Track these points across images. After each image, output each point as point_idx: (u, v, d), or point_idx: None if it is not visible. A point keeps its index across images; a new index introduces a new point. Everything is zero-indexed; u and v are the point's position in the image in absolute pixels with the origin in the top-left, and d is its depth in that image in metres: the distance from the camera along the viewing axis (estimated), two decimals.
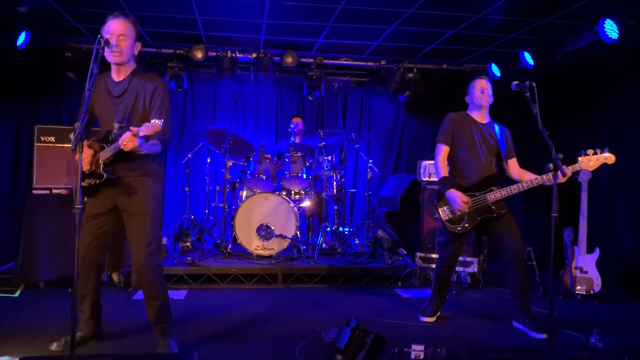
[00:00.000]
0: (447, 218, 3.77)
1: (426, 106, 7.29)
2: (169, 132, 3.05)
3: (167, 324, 3.10)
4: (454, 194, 3.66)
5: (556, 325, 3.74)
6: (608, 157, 3.43)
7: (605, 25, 4.52)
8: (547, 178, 3.47)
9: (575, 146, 3.61)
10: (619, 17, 4.42)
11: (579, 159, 3.44)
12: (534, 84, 3.18)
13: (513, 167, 3.87)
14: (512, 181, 3.78)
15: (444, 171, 3.78)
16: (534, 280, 4.89)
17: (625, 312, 4.36)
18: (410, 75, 6.59)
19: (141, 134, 2.68)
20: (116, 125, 2.93)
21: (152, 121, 2.68)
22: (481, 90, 3.82)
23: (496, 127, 3.89)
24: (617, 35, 4.46)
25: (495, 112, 3.95)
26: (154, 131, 2.68)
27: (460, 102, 4.01)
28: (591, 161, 3.43)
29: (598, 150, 3.43)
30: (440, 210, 3.80)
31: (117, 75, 3.04)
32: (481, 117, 3.87)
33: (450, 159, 3.87)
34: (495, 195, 3.67)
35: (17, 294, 4.34)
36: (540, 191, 4.34)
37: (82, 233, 3.00)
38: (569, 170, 3.32)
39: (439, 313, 3.98)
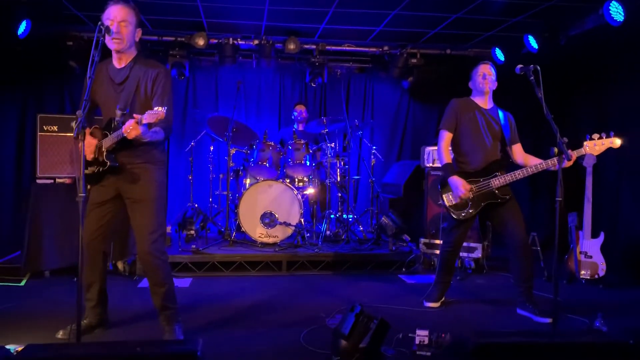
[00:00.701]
0: (451, 204, 3.76)
1: (430, 92, 7.24)
2: (171, 119, 3.02)
3: (172, 311, 3.11)
4: (457, 181, 3.65)
5: (560, 309, 3.72)
6: (614, 142, 3.39)
7: (610, 7, 4.46)
8: (551, 163, 3.43)
9: (583, 131, 3.57)
10: None
11: (585, 143, 3.40)
12: (539, 68, 3.16)
13: (517, 152, 3.85)
14: (516, 166, 3.76)
15: (447, 157, 3.76)
16: (539, 265, 4.88)
17: (631, 296, 4.34)
18: (414, 60, 6.53)
19: (144, 121, 2.66)
20: (119, 112, 2.90)
21: (156, 109, 2.66)
22: (483, 76, 3.78)
23: (500, 113, 3.86)
24: (623, 18, 4.40)
25: (499, 97, 3.92)
26: (157, 119, 2.66)
27: (464, 87, 3.98)
28: (597, 145, 3.39)
29: (604, 135, 3.39)
30: (444, 196, 3.79)
31: (119, 63, 3.02)
32: (484, 102, 3.84)
33: (455, 144, 3.85)
34: (499, 180, 3.65)
35: (23, 283, 4.37)
36: (545, 176, 4.31)
37: (86, 221, 3.02)
38: (574, 154, 3.29)
39: (443, 298, 3.98)
